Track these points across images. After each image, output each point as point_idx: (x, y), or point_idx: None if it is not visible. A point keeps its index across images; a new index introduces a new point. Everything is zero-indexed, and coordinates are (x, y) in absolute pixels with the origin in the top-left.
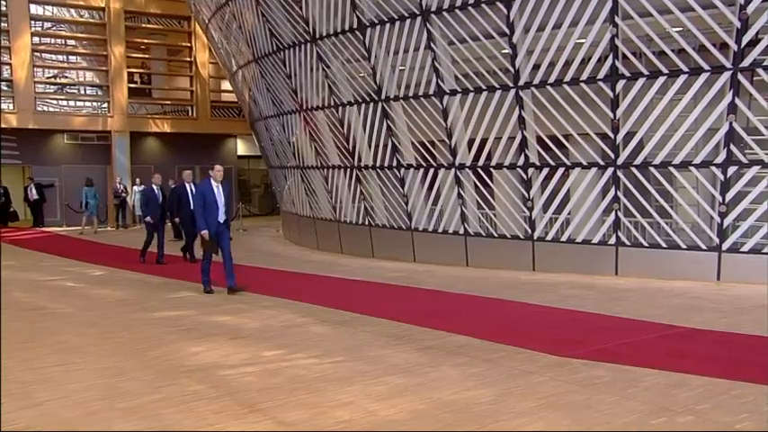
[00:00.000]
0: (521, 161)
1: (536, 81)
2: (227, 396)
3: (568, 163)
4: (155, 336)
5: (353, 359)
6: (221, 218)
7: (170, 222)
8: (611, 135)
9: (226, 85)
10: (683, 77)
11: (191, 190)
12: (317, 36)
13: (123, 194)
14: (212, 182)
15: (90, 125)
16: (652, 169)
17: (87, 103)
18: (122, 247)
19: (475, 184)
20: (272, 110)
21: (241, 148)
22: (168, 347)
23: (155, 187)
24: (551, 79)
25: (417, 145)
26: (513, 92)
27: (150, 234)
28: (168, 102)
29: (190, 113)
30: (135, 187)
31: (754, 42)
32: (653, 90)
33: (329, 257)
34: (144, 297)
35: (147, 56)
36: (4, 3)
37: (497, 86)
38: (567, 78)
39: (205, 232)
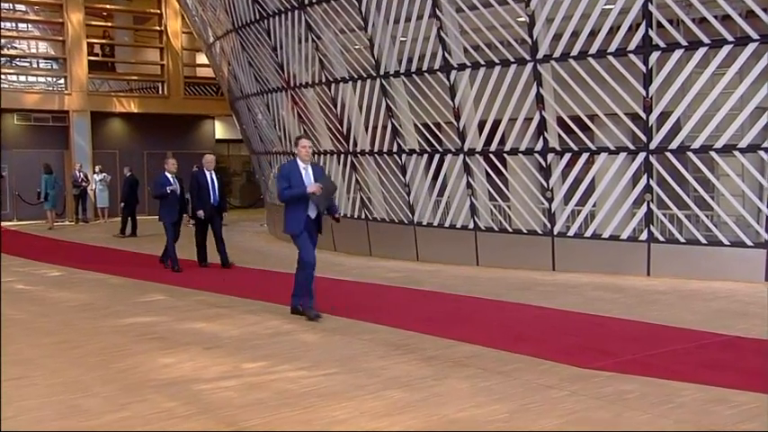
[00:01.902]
0: (539, 146)
1: (557, 54)
2: (203, 414)
3: (593, 147)
4: (120, 345)
5: (348, 371)
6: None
7: (191, 219)
8: (643, 115)
9: (202, 58)
10: (726, 48)
11: (212, 179)
12: (306, 2)
13: (84, 184)
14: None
15: (44, 104)
16: (690, 154)
17: (41, 79)
18: (84, 244)
19: (486, 172)
20: (255, 87)
21: (220, 130)
22: (136, 359)
23: (169, 176)
24: (574, 51)
25: (421, 127)
26: (530, 66)
27: (170, 233)
28: (135, 77)
29: (160, 91)
30: (95, 176)
31: None
32: (692, 63)
33: (321, 255)
34: (109, 301)
35: (109, 24)
36: None
37: (512, 60)
38: (593, 50)
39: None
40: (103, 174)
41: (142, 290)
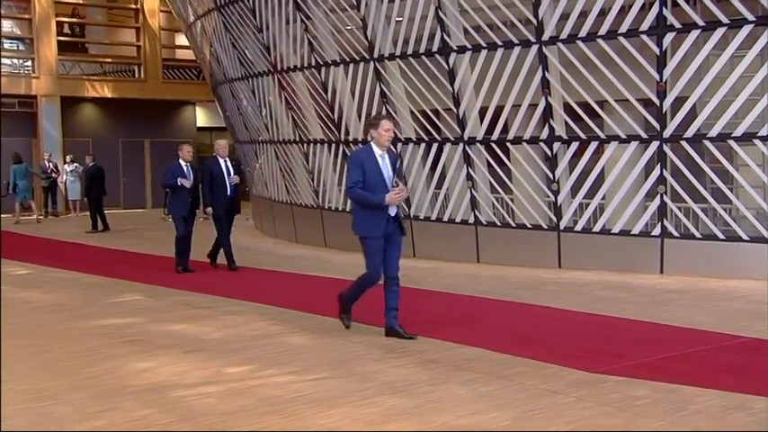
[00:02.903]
0: (544, 134)
1: (564, 35)
2: (182, 422)
3: (603, 136)
4: (94, 349)
5: (339, 375)
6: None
7: (206, 212)
8: (657, 101)
9: (182, 39)
10: (747, 28)
11: (227, 168)
12: None
13: (53, 174)
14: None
15: (10, 88)
16: (707, 143)
17: (6, 61)
18: (54, 240)
19: (488, 162)
20: (240, 71)
21: (201, 118)
22: (111, 363)
23: (183, 164)
24: (582, 33)
25: (418, 114)
26: (535, 48)
27: (185, 230)
28: (109, 60)
29: (136, 74)
30: (66, 166)
31: None
32: (709, 45)
33: (310, 252)
34: (81, 301)
35: (80, 1)
36: None
37: (516, 42)
38: (603, 31)
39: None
40: (75, 164)
41: (117, 289)
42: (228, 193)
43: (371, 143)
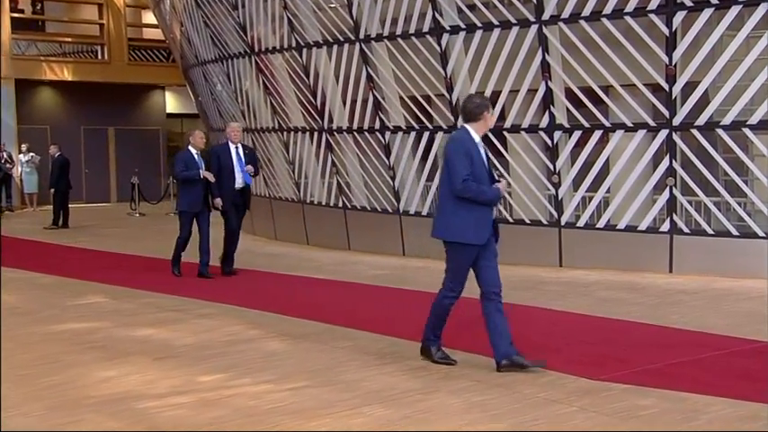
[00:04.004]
0: (544, 122)
1: (565, 14)
2: None
3: (608, 124)
4: (53, 356)
5: (321, 384)
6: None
7: (215, 205)
8: (666, 86)
9: (149, 17)
10: (764, 7)
11: (238, 156)
12: None
13: (8, 166)
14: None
15: None
16: (720, 131)
17: None
18: (8, 237)
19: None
20: (213, 52)
21: (171, 103)
22: (71, 371)
23: (194, 152)
24: (586, 12)
25: (407, 101)
26: (534, 29)
27: (186, 228)
28: (69, 39)
29: (99, 55)
30: (21, 156)
31: None
32: (723, 25)
33: (291, 250)
34: (39, 304)
35: None
36: None
37: (514, 21)
38: (608, 10)
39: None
40: (31, 154)
41: (79, 291)
42: (237, 184)
43: (468, 127)
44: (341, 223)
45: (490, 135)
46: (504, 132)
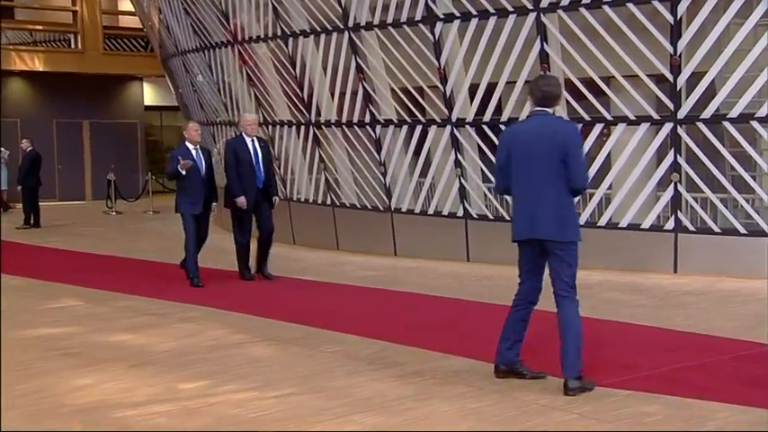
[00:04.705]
0: None
1: (565, 1)
2: None
3: (609, 117)
4: (24, 363)
5: (308, 391)
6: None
7: (238, 204)
8: (670, 77)
9: (126, 4)
10: None
11: (254, 149)
12: None
13: None
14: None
15: None
16: (727, 125)
17: None
18: None
19: (479, 147)
20: (194, 41)
21: (149, 95)
22: (43, 379)
23: (191, 147)
24: None
25: (399, 93)
26: (532, 17)
27: (190, 226)
28: (40, 27)
29: (72, 44)
30: None
31: None
32: (730, 12)
33: (277, 250)
34: (10, 308)
35: None
36: None
37: (511, 9)
38: None
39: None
40: (0, 148)
41: (51, 294)
42: (257, 181)
43: (549, 112)
44: (329, 222)
45: (486, 129)
46: (501, 126)
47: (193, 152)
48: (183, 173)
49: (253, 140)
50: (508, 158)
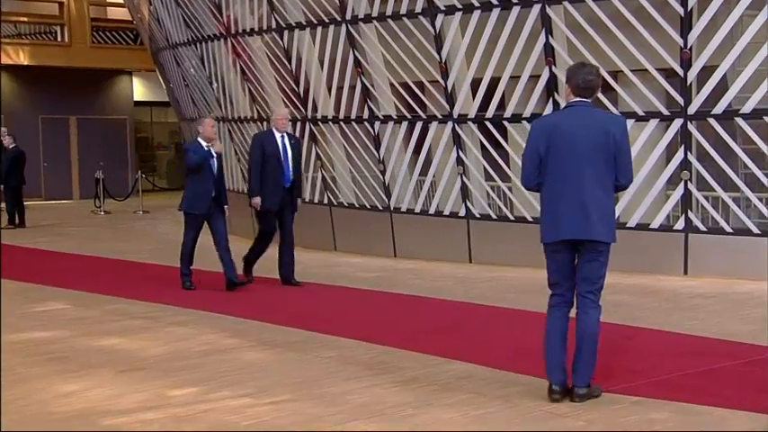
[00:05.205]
0: (548, 111)
1: None
2: None
3: (617, 112)
4: (9, 368)
5: (304, 398)
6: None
7: (253, 205)
8: (680, 71)
9: None
10: None
11: (284, 146)
12: None
13: None
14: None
15: None
16: (739, 121)
17: None
18: None
19: (482, 144)
20: (185, 34)
21: (139, 90)
22: (28, 385)
23: (203, 144)
24: None
25: (399, 87)
26: (537, 9)
27: (190, 234)
28: (25, 19)
29: (59, 37)
30: None
31: None
32: (743, 4)
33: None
34: None
35: None
36: None
37: (514, 1)
38: None
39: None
40: None
41: (38, 296)
42: (285, 180)
43: (590, 103)
44: (326, 222)
45: (489, 125)
46: (505, 122)
47: (206, 149)
48: (195, 163)
49: (283, 136)
50: (547, 151)
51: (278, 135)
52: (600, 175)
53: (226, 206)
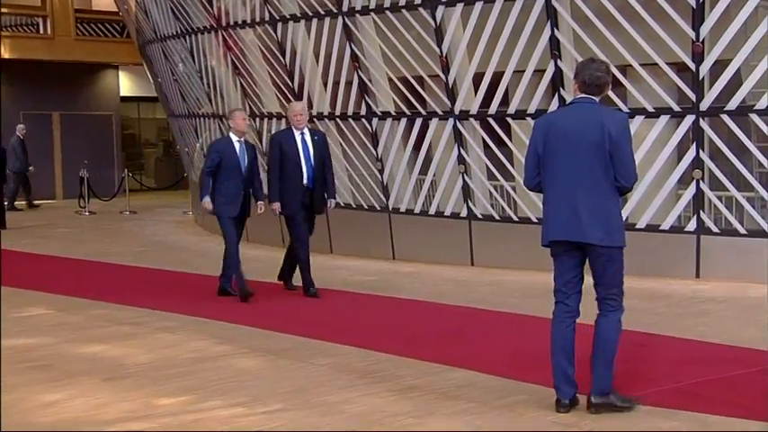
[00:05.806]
0: (553, 107)
1: None
2: None
3: (626, 109)
4: None
5: (298, 407)
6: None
7: (272, 209)
8: (692, 66)
9: None
10: None
11: (304, 144)
12: None
13: None
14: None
15: None
16: (754, 117)
17: None
18: None
19: (484, 141)
20: (174, 26)
21: (126, 85)
22: (10, 395)
23: (235, 140)
24: None
25: (398, 82)
26: (542, 0)
27: (230, 231)
28: (5, 10)
29: (41, 29)
30: None
31: None
32: None
33: (265, 253)
34: None
35: None
36: None
37: None
38: None
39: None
40: None
41: (20, 301)
42: (306, 181)
43: (596, 101)
44: (322, 223)
45: (491, 122)
46: (508, 119)
47: (237, 146)
48: (213, 166)
49: (302, 133)
50: (544, 150)
51: (297, 133)
52: (596, 176)
53: (260, 202)
